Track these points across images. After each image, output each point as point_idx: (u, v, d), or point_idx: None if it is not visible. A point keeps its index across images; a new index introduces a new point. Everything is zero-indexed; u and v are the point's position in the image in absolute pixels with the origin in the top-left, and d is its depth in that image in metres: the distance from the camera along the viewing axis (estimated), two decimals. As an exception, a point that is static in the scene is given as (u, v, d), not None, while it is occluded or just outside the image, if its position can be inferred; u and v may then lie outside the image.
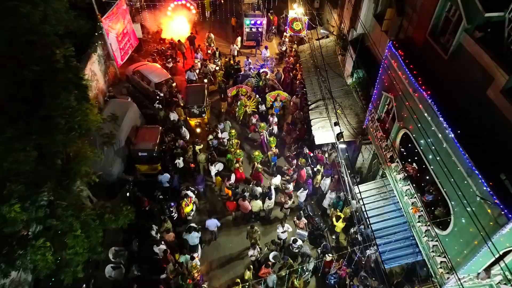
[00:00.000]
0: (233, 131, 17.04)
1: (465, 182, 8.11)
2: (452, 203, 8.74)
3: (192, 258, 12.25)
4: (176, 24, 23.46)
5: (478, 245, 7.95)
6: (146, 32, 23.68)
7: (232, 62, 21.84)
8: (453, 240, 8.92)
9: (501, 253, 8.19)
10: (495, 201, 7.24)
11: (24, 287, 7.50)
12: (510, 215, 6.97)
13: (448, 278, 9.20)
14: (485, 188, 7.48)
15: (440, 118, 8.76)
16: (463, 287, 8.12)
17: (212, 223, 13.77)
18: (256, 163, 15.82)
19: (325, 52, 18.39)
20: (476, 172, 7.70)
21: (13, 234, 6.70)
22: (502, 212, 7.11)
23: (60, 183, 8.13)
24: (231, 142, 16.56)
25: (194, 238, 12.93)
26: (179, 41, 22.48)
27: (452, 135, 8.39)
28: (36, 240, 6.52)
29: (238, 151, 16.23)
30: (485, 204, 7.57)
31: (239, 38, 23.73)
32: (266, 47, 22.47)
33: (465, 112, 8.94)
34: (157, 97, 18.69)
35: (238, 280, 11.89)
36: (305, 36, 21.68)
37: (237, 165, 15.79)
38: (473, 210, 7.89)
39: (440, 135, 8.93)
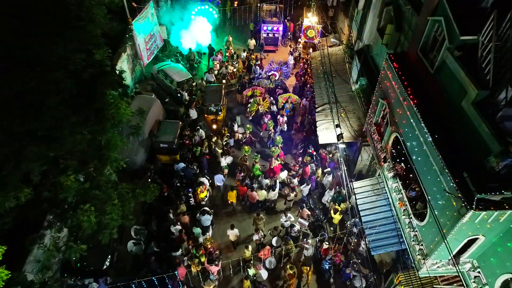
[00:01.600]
0: (247, 147, 17.78)
1: (438, 179, 9.49)
2: (429, 197, 10.12)
3: (204, 234, 13.96)
4: (196, 30, 24.85)
5: (445, 233, 9.30)
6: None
7: (253, 56, 23.69)
8: (428, 229, 10.29)
9: (465, 241, 9.61)
10: (459, 195, 8.61)
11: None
12: (468, 207, 8.34)
13: (423, 263, 10.60)
14: (452, 184, 8.85)
15: (422, 124, 10.15)
16: (414, 268, 9.53)
17: (218, 178, 16.14)
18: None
19: (334, 59, 19.76)
20: (446, 170, 9.08)
21: (64, 200, 8.49)
22: (463, 204, 8.48)
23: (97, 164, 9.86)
24: (246, 158, 17.40)
25: (206, 220, 14.55)
26: (190, 49, 23.97)
27: (430, 139, 9.77)
28: (84, 204, 8.28)
29: (273, 148, 17.43)
30: (451, 198, 8.95)
31: (252, 41, 25.30)
32: (291, 53, 24.08)
33: (444, 119, 10.28)
34: (178, 94, 20.48)
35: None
36: (317, 43, 23.07)
37: (276, 161, 17.02)
38: (443, 203, 9.34)
39: (421, 139, 10.28)
